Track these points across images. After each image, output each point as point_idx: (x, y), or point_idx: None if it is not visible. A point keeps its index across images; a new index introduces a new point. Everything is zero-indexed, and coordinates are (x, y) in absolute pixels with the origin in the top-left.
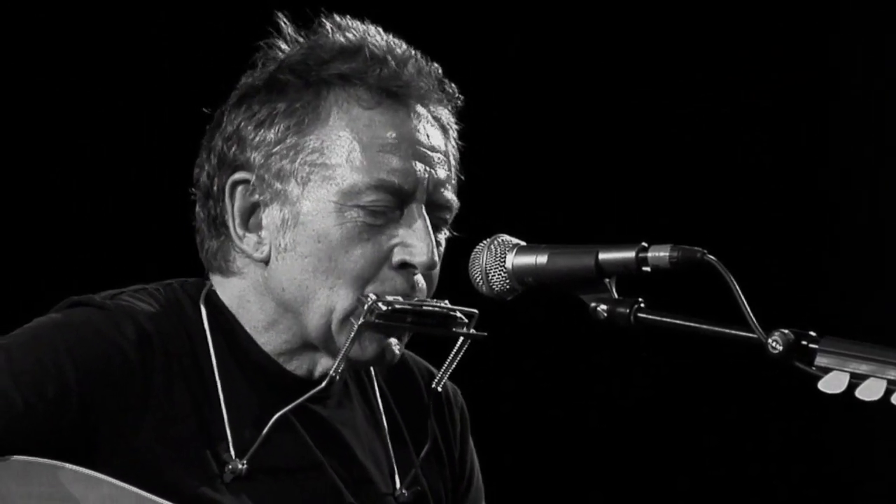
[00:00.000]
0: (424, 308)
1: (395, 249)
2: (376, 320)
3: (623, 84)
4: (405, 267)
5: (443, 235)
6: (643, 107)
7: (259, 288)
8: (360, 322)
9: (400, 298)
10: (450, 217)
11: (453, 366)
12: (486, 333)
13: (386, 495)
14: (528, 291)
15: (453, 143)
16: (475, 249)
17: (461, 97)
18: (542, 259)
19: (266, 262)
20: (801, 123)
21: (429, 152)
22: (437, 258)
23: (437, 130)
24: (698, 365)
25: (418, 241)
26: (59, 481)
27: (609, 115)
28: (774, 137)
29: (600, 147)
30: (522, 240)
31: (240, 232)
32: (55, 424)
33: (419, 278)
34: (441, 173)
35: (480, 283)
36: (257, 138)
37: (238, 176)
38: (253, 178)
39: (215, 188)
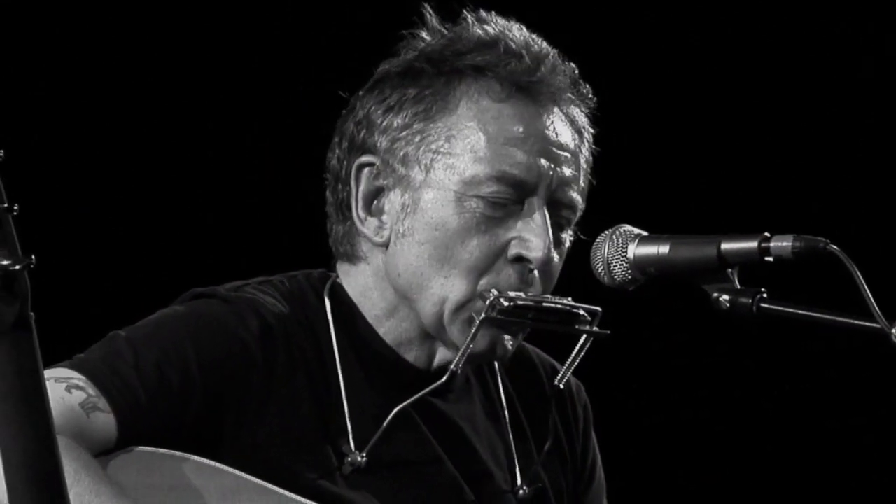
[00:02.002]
0: (546, 305)
1: (512, 243)
2: (498, 316)
3: (738, 72)
4: (520, 261)
5: (566, 235)
6: (759, 95)
7: (380, 274)
8: (481, 317)
9: (522, 294)
10: (573, 217)
11: (576, 363)
12: (608, 332)
13: (506, 491)
14: (649, 281)
15: (587, 145)
16: (597, 240)
17: (594, 99)
18: (664, 249)
19: (386, 246)
20: None
21: (555, 150)
22: (552, 254)
23: (567, 129)
24: (818, 358)
25: (535, 237)
26: (182, 472)
27: (726, 103)
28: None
29: (718, 136)
30: (644, 230)
31: (362, 215)
32: (179, 417)
33: (535, 274)
34: (567, 172)
35: (602, 274)
36: (385, 122)
37: (364, 159)
38: (378, 161)
39: (343, 172)
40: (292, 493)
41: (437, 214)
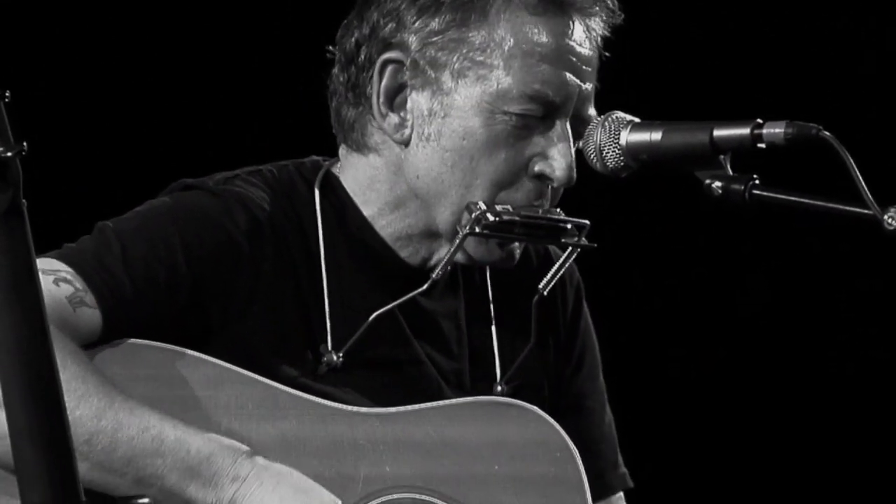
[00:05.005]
0: (534, 219)
1: (534, 159)
2: (484, 231)
3: None
4: (541, 178)
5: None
6: None
7: (392, 167)
8: (465, 231)
9: (510, 208)
10: (584, 130)
11: (560, 273)
12: (595, 245)
13: (483, 390)
14: (642, 168)
15: (598, 54)
16: (589, 127)
17: (622, 15)
18: (657, 135)
19: (405, 144)
20: None
21: (583, 66)
22: (574, 173)
23: (589, 43)
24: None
25: (559, 156)
26: (165, 363)
27: None
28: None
29: (712, 20)
30: (637, 116)
31: (383, 110)
32: (165, 311)
33: (550, 190)
34: (589, 87)
35: (595, 161)
36: (418, 23)
37: (391, 55)
38: (407, 61)
39: (362, 57)
40: (276, 383)
41: (465, 124)
